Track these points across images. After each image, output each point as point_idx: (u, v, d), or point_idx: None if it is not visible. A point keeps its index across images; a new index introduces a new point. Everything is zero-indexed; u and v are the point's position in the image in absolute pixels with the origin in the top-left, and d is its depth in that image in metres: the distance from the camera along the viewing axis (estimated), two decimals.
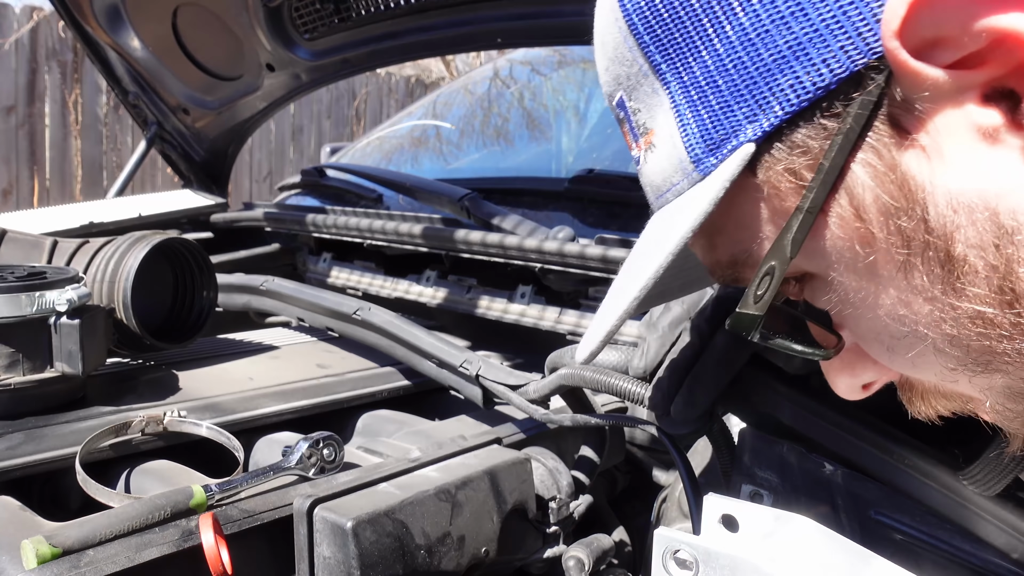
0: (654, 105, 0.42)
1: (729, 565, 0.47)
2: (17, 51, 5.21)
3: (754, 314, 0.41)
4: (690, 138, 0.41)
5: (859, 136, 0.36)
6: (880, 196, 0.37)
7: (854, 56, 0.35)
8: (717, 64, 0.39)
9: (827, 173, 0.37)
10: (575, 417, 0.79)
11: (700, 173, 0.41)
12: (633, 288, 0.43)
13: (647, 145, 0.44)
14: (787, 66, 0.37)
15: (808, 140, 0.37)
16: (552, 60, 2.09)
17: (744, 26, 0.38)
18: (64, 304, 0.82)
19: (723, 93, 0.39)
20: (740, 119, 0.39)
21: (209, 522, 0.62)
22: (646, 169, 0.45)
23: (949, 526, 0.54)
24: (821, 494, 0.60)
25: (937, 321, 0.38)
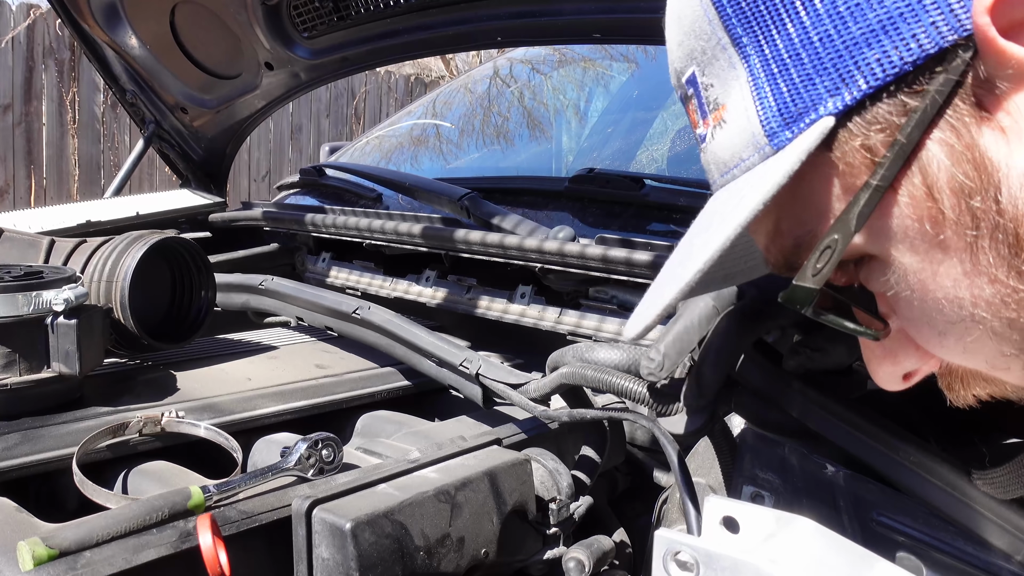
0: (729, 79, 0.42)
1: (730, 567, 0.46)
2: (14, 49, 5.20)
3: (810, 287, 0.40)
4: (767, 111, 0.40)
5: (938, 113, 0.36)
6: (955, 175, 0.36)
7: (944, 32, 0.35)
8: (802, 37, 0.39)
9: (902, 149, 0.37)
10: (572, 413, 0.79)
11: (774, 147, 0.40)
12: (698, 260, 0.42)
13: (717, 121, 0.44)
14: (876, 40, 0.36)
15: (887, 116, 0.37)
16: (552, 59, 2.09)
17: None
18: (61, 304, 0.82)
19: (806, 66, 0.39)
20: (821, 92, 0.38)
21: (207, 523, 0.61)
22: (713, 146, 0.45)
23: (951, 528, 0.54)
24: (823, 495, 0.60)
25: (999, 304, 0.38)
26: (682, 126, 1.81)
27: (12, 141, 5.26)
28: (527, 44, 1.92)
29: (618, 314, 1.15)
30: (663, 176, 1.47)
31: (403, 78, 7.59)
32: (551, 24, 1.30)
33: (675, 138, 1.78)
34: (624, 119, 1.98)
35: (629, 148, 1.85)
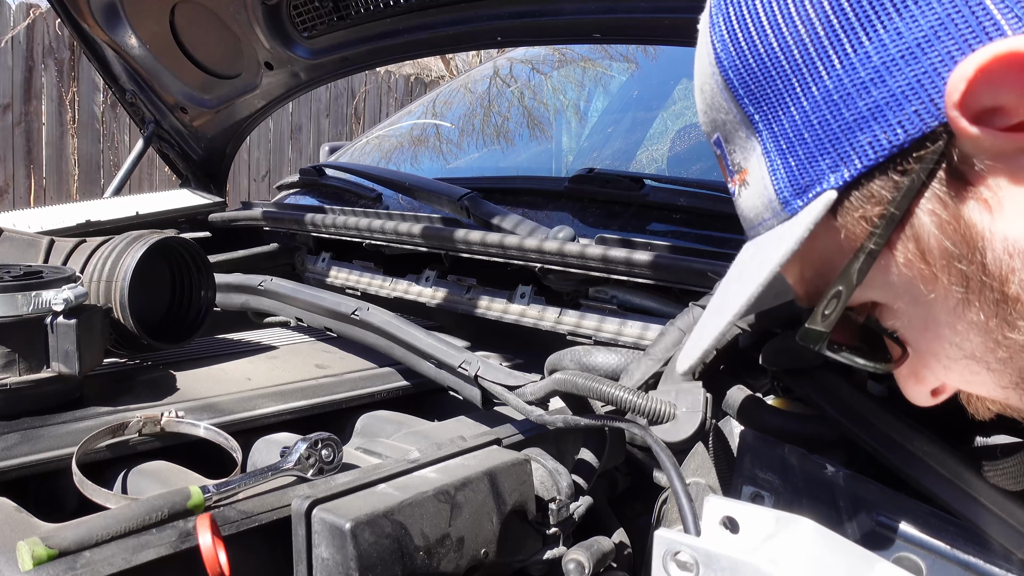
0: (748, 149, 0.48)
1: (730, 567, 0.46)
2: (13, 48, 5.19)
3: (820, 330, 0.46)
4: (779, 182, 0.46)
5: (925, 187, 0.41)
6: (943, 242, 0.41)
7: (926, 119, 0.39)
8: (804, 120, 0.44)
9: (893, 218, 0.42)
10: (567, 419, 0.79)
11: (788, 213, 0.46)
12: (731, 309, 0.48)
13: (741, 182, 0.49)
14: (866, 125, 0.41)
15: (880, 190, 0.42)
16: (552, 59, 2.09)
17: (828, 88, 0.42)
18: (61, 304, 0.82)
19: (808, 146, 0.44)
20: (824, 169, 0.43)
21: (207, 523, 0.61)
22: (740, 203, 0.51)
23: (951, 528, 0.54)
24: (823, 496, 0.60)
25: (991, 348, 0.43)
26: (682, 126, 1.81)
27: (12, 141, 5.26)
28: (527, 44, 1.92)
29: (618, 314, 1.15)
30: (663, 176, 1.47)
31: (403, 78, 7.59)
32: (551, 24, 1.30)
33: (675, 138, 1.78)
34: (624, 119, 1.98)
35: (629, 148, 1.85)
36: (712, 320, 0.51)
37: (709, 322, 0.52)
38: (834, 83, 0.42)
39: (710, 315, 0.53)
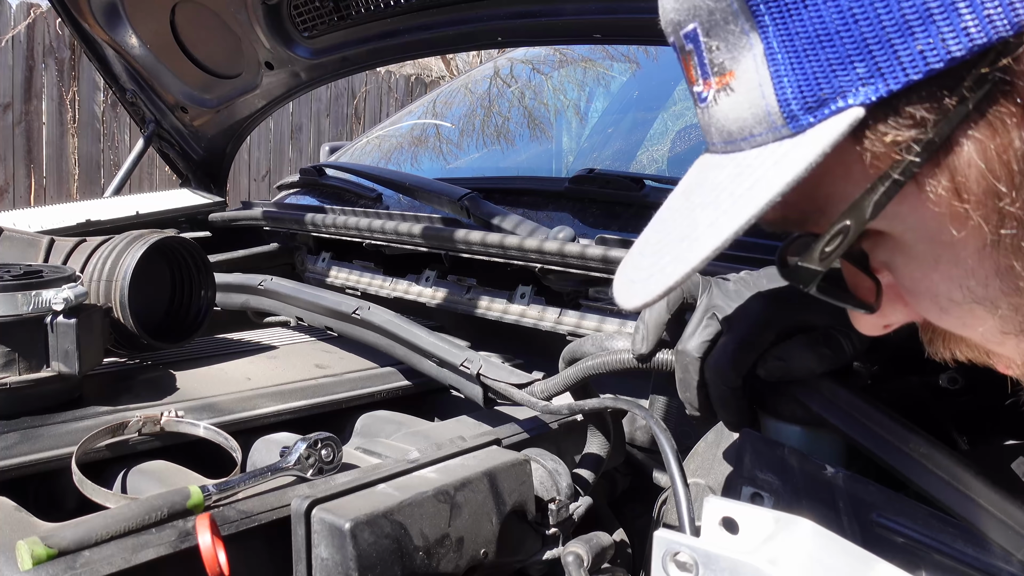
0: (740, 47, 0.39)
1: (729, 568, 0.46)
2: (14, 48, 5.20)
3: (815, 269, 0.40)
4: (785, 91, 0.38)
5: (977, 111, 0.35)
6: (985, 177, 0.35)
7: (998, 26, 0.33)
8: (836, 15, 0.35)
9: (931, 145, 0.35)
10: (572, 405, 0.79)
11: (792, 129, 0.38)
12: (707, 244, 0.39)
13: (721, 86, 0.40)
14: (923, 27, 0.34)
15: (920, 111, 0.35)
16: (552, 59, 2.09)
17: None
18: (61, 303, 0.82)
19: (837, 49, 0.36)
20: (852, 80, 0.36)
21: (206, 523, 0.61)
22: (715, 111, 0.42)
23: (951, 529, 0.54)
24: (822, 496, 0.60)
25: (1008, 293, 0.38)
26: (683, 127, 1.81)
27: (12, 140, 5.26)
28: (527, 44, 1.92)
29: (618, 314, 1.15)
30: (663, 177, 1.47)
31: (403, 78, 7.59)
32: (551, 24, 1.29)
33: (675, 139, 1.78)
34: (624, 119, 1.98)
35: (629, 148, 1.85)
36: (682, 250, 0.42)
37: (676, 252, 0.42)
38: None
39: (672, 242, 0.43)
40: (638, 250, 0.47)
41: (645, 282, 0.43)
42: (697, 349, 0.63)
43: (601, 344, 0.75)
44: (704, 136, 0.45)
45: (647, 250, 0.46)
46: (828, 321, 0.60)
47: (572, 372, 0.78)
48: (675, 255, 0.42)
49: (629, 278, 0.46)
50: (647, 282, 0.43)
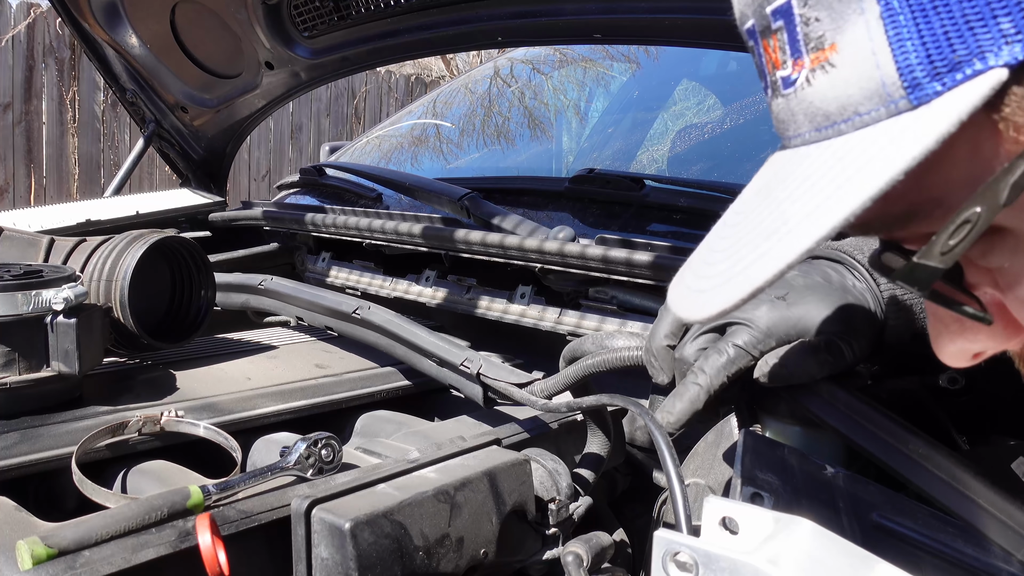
0: (849, 13, 0.34)
1: (729, 568, 0.46)
2: (14, 48, 5.20)
3: (935, 267, 0.34)
4: (908, 57, 0.32)
5: None
6: None
7: None
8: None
9: None
10: (571, 403, 0.79)
11: (912, 102, 0.33)
12: (804, 238, 0.34)
13: (818, 63, 0.35)
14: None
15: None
16: (553, 59, 2.09)
17: None
18: (61, 303, 0.82)
19: (976, 1, 0.31)
20: (995, 37, 0.31)
21: (206, 523, 0.61)
22: (808, 93, 0.36)
23: (951, 529, 0.54)
24: (822, 496, 0.60)
25: None
26: (682, 126, 1.81)
27: (12, 140, 5.26)
28: (527, 44, 1.92)
29: (618, 314, 1.15)
30: (663, 177, 1.47)
31: (403, 78, 7.59)
32: (551, 24, 1.30)
33: (675, 138, 1.78)
34: (625, 119, 1.98)
35: (629, 148, 1.85)
36: (770, 247, 0.36)
37: (762, 249, 0.36)
38: None
39: (754, 242, 0.37)
40: (701, 258, 0.41)
41: (721, 288, 0.38)
42: (694, 356, 0.63)
43: (601, 343, 0.75)
44: (779, 130, 0.39)
45: (714, 257, 0.40)
46: (829, 327, 0.60)
47: (572, 371, 0.78)
48: (761, 252, 0.36)
49: (694, 288, 0.40)
50: (724, 287, 0.38)
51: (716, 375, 0.61)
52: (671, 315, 0.65)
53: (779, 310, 0.61)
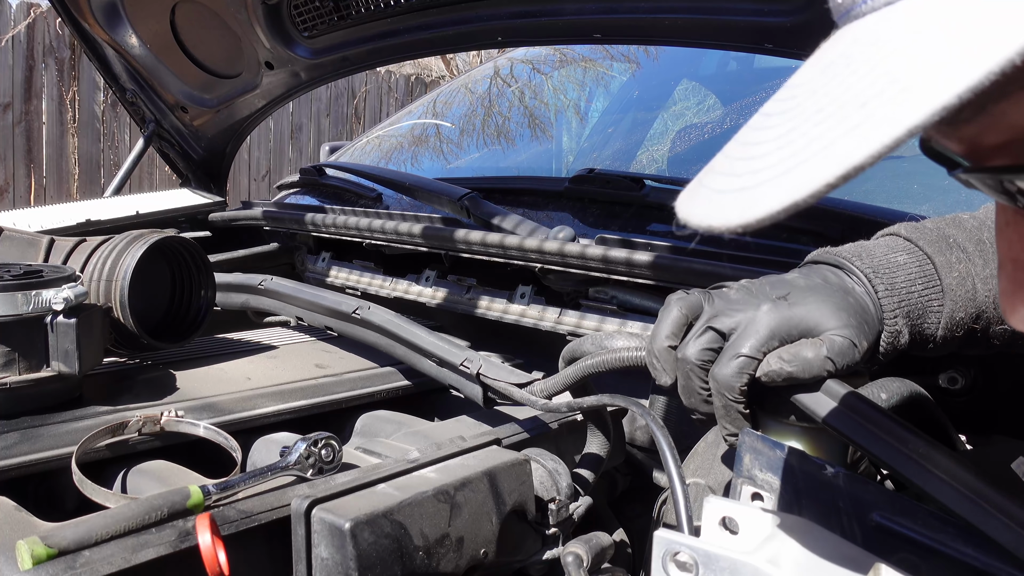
0: None
1: (729, 568, 0.46)
2: (14, 48, 5.20)
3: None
4: None
5: None
6: None
7: None
8: None
9: None
10: (571, 403, 0.79)
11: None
12: (886, 129, 0.25)
13: None
14: None
15: None
16: (553, 59, 2.09)
17: None
18: (61, 303, 0.82)
19: None
20: None
21: (206, 523, 0.61)
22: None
23: (951, 529, 0.54)
24: (822, 496, 0.60)
25: None
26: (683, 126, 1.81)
27: (12, 140, 5.26)
28: (527, 44, 1.92)
29: (618, 314, 1.15)
30: (663, 176, 1.47)
31: (403, 78, 7.59)
32: (552, 24, 1.30)
33: (675, 138, 1.78)
34: (624, 119, 1.98)
35: (629, 148, 1.85)
36: (813, 137, 0.27)
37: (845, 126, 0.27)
38: None
39: (837, 117, 0.27)
40: (730, 156, 0.33)
41: (781, 179, 0.28)
42: (697, 356, 0.62)
43: (601, 343, 0.75)
44: (835, 7, 0.32)
45: (754, 149, 0.31)
46: (830, 328, 0.60)
47: (572, 371, 0.78)
48: (847, 128, 0.27)
49: (729, 188, 0.31)
50: (787, 177, 0.28)
51: (736, 392, 0.61)
52: (672, 315, 0.64)
53: (781, 310, 0.61)
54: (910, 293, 0.62)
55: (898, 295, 0.62)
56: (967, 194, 0.41)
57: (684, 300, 0.65)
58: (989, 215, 0.67)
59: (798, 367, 0.59)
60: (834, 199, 1.15)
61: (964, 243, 0.64)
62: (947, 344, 0.64)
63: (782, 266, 0.78)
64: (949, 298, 0.62)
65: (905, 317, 0.62)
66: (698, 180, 0.34)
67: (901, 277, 0.62)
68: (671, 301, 0.65)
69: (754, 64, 1.84)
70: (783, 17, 1.04)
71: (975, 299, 0.62)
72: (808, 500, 0.60)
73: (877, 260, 0.63)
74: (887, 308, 0.61)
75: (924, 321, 0.62)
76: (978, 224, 0.66)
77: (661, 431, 0.67)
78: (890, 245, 0.65)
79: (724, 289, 0.66)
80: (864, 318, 0.61)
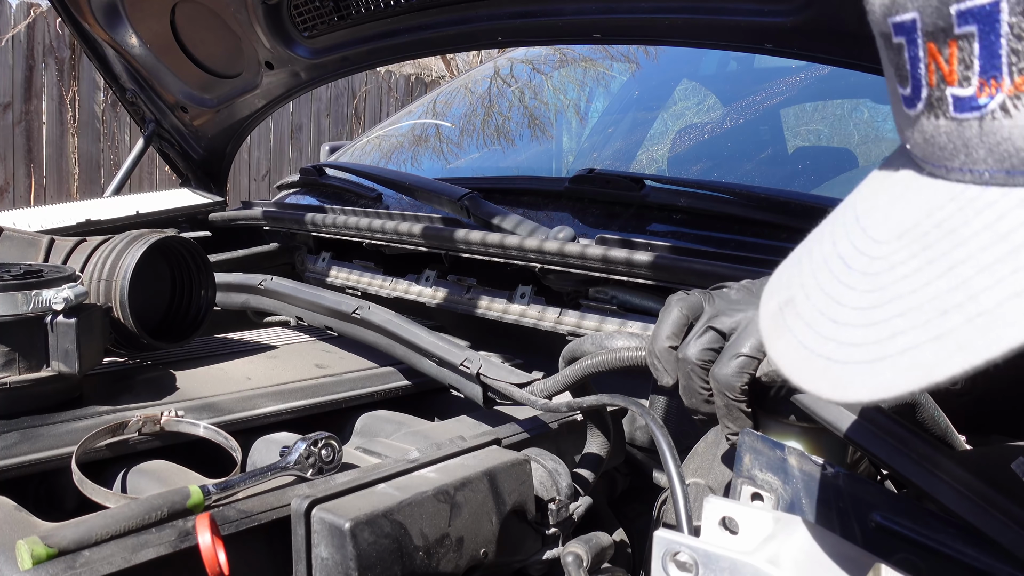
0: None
1: (729, 568, 0.46)
2: (14, 47, 5.20)
3: None
4: None
5: None
6: None
7: None
8: None
9: None
10: (571, 402, 0.79)
11: None
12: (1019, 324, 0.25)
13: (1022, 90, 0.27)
14: None
15: None
16: (553, 59, 2.09)
17: None
18: (61, 303, 0.82)
19: None
20: None
21: (206, 523, 0.61)
22: (1005, 125, 0.28)
23: (951, 529, 0.54)
24: (822, 496, 0.60)
25: None
26: (682, 126, 1.81)
27: (12, 140, 5.26)
28: (527, 44, 1.92)
29: (618, 314, 1.15)
30: (663, 176, 1.47)
31: (403, 78, 7.59)
32: (551, 24, 1.30)
33: (675, 138, 1.78)
34: (624, 119, 1.99)
35: (629, 148, 1.85)
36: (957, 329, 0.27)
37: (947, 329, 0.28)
38: None
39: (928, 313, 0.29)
40: (818, 310, 0.33)
41: (874, 366, 0.30)
42: (698, 356, 0.62)
43: (600, 343, 0.75)
44: (927, 152, 0.31)
45: (845, 314, 0.32)
46: None
47: (572, 371, 0.78)
48: (939, 333, 0.28)
49: (819, 352, 0.32)
50: (879, 366, 0.29)
51: (737, 392, 0.61)
52: (672, 315, 0.64)
53: None
54: None
55: None
56: None
57: (684, 300, 0.65)
58: None
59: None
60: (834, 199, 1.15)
61: None
62: None
63: None
64: None
65: None
66: (801, 343, 0.34)
67: None
68: (671, 302, 0.65)
69: (754, 64, 1.84)
70: (783, 17, 1.04)
71: None
72: (808, 500, 0.60)
73: None
74: None
75: None
76: None
77: (661, 431, 0.67)
78: None
79: (724, 289, 0.66)
80: None
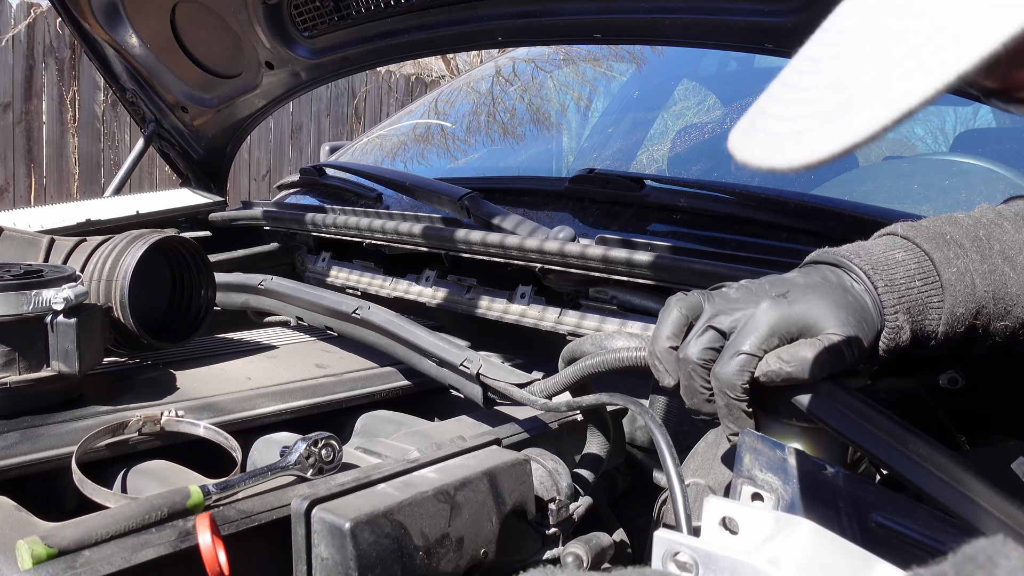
0: None
1: (729, 568, 0.46)
2: (14, 47, 5.20)
3: None
4: None
5: None
6: None
7: None
8: None
9: None
10: (570, 402, 0.79)
11: None
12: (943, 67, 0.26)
13: None
14: None
15: None
16: (555, 58, 2.09)
17: None
18: (61, 303, 0.82)
19: None
20: None
21: (206, 523, 0.61)
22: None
23: (951, 529, 0.54)
24: (822, 496, 0.60)
25: None
26: (683, 126, 1.81)
27: (12, 140, 5.26)
28: (528, 44, 1.92)
29: (618, 314, 1.15)
30: (663, 176, 1.47)
31: (403, 78, 7.59)
32: (552, 24, 1.30)
33: (676, 138, 1.78)
34: (625, 119, 1.98)
35: (630, 148, 1.85)
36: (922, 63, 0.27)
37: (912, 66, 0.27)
38: None
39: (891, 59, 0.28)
40: (777, 99, 0.33)
41: (842, 120, 0.29)
42: (698, 356, 0.62)
43: (600, 343, 0.75)
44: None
45: (804, 95, 0.31)
46: (830, 326, 0.60)
47: (571, 371, 0.78)
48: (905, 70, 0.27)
49: (784, 131, 0.31)
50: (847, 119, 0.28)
51: (739, 390, 0.60)
52: (672, 315, 0.64)
53: (780, 307, 0.61)
54: (910, 289, 0.62)
55: (898, 291, 0.62)
56: (967, 194, 0.41)
57: (684, 301, 0.65)
58: (985, 213, 0.67)
59: (797, 367, 0.59)
60: (834, 199, 1.15)
61: (961, 239, 0.64)
62: (949, 342, 0.64)
63: (782, 266, 0.78)
64: (949, 293, 0.62)
65: (906, 313, 0.62)
66: (749, 122, 0.34)
67: (900, 273, 0.62)
68: (671, 302, 0.65)
69: (754, 64, 1.84)
70: (783, 17, 1.04)
71: (975, 294, 0.62)
72: (808, 500, 0.60)
73: (876, 258, 0.63)
74: (887, 304, 0.61)
75: (925, 317, 0.62)
76: (974, 222, 0.66)
77: (660, 431, 0.67)
78: (888, 243, 0.65)
79: (724, 289, 0.66)
80: (863, 316, 0.61)
